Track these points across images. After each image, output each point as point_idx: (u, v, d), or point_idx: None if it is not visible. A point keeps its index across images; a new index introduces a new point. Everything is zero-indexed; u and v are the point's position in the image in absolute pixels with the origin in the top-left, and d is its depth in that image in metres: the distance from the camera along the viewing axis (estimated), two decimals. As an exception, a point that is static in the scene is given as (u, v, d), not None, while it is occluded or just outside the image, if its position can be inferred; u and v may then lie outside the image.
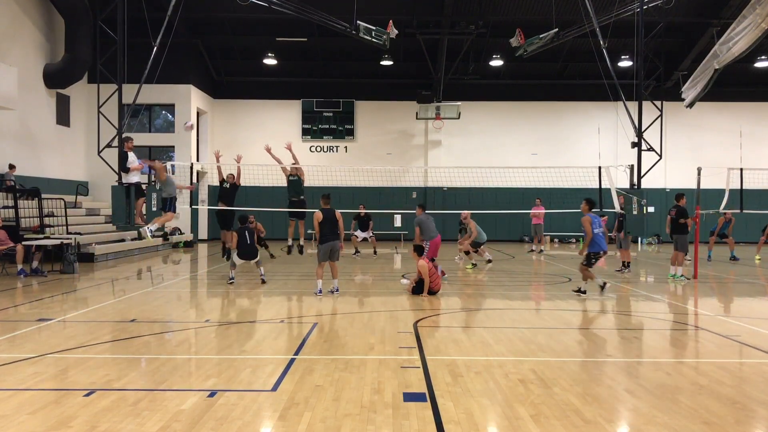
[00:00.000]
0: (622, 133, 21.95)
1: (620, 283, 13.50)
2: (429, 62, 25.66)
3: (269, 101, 28.37)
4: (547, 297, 11.59)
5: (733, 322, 9.16)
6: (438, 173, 26.26)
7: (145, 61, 16.00)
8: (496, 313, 9.68)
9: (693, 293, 12.10)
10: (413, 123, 27.91)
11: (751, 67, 25.14)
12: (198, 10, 23.04)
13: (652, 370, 6.27)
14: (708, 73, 15.71)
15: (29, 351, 6.83)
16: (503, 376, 5.90)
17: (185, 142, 25.11)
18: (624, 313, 10.05)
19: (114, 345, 7.29)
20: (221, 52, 27.14)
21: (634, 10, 17.17)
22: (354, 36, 19.69)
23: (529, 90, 28.29)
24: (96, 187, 23.72)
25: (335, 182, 24.20)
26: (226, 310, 10.07)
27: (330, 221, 11.12)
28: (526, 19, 23.59)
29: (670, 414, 4.91)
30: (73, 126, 23.35)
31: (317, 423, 4.66)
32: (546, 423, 4.68)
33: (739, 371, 6.38)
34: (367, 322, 8.70)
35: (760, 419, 4.99)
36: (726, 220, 19.00)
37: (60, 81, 21.88)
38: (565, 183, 19.31)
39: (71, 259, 14.45)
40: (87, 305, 10.19)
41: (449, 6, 22.15)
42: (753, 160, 21.87)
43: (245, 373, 5.97)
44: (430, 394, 5.36)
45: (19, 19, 20.21)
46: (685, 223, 13.69)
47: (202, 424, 4.61)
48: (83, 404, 5.00)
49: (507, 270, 16.29)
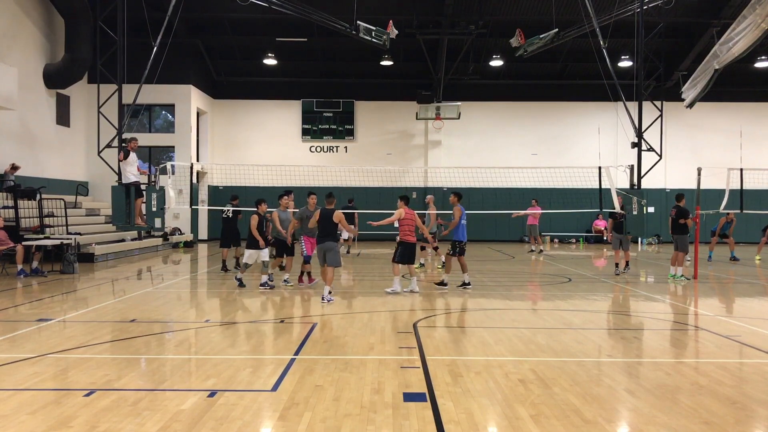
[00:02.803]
0: (622, 133, 21.96)
1: (620, 283, 13.50)
2: (429, 62, 25.66)
3: (269, 101, 28.37)
4: (547, 297, 11.59)
5: (733, 322, 9.16)
6: (438, 173, 26.26)
7: (145, 61, 16.00)
8: (496, 313, 9.68)
9: (693, 293, 12.10)
10: (413, 123, 27.91)
11: (751, 67, 25.13)
12: (198, 10, 23.04)
13: (652, 370, 6.27)
14: (708, 74, 15.70)
15: (29, 351, 6.83)
16: (503, 376, 5.90)
17: (185, 143, 25.12)
18: (624, 313, 10.05)
19: (114, 345, 7.29)
20: (221, 52, 27.15)
21: (634, 10, 17.17)
22: (354, 36, 19.70)
23: (529, 90, 28.29)
24: (96, 187, 23.72)
25: (335, 182, 24.24)
26: (226, 310, 10.07)
27: (325, 220, 10.86)
28: (526, 19, 23.59)
29: (670, 414, 4.91)
30: (73, 126, 23.35)
31: (317, 423, 4.66)
32: (546, 423, 4.68)
33: (739, 371, 6.38)
34: (367, 322, 8.70)
35: (760, 419, 4.99)
36: (727, 221, 18.97)
37: (60, 81, 21.88)
38: (565, 183, 19.31)
39: (71, 259, 14.45)
40: (87, 305, 10.19)
41: (449, 6, 22.14)
42: (753, 160, 21.88)
43: (245, 373, 5.97)
44: (430, 394, 5.36)
45: (19, 19, 20.21)
46: (685, 223, 13.69)
47: (202, 424, 4.61)
48: (83, 404, 5.00)
49: (507, 270, 16.29)
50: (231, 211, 14.76)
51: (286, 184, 22.94)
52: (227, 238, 14.95)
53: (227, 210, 14.81)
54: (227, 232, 14.85)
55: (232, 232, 14.79)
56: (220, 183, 27.30)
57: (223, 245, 15.20)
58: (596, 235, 27.85)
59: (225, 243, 15.08)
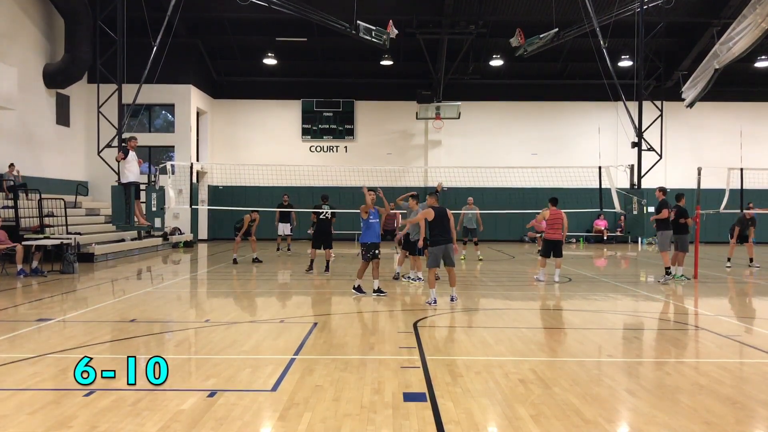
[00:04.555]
0: (622, 133, 21.96)
1: (621, 283, 13.49)
2: (429, 62, 25.65)
3: (269, 101, 28.37)
4: (547, 297, 11.58)
5: (733, 322, 9.16)
6: (438, 173, 26.22)
7: (145, 61, 16.00)
8: (496, 313, 9.68)
9: (693, 293, 12.10)
10: (413, 123, 27.91)
11: (751, 67, 25.14)
12: (198, 10, 23.03)
13: (652, 370, 6.27)
14: (708, 73, 15.70)
15: (29, 351, 6.83)
16: (503, 376, 5.90)
17: (185, 143, 25.13)
18: (624, 313, 10.05)
19: (114, 345, 7.28)
20: (221, 52, 27.14)
21: (634, 10, 17.20)
22: (354, 36, 19.70)
23: (529, 90, 28.28)
24: (96, 187, 23.72)
25: (335, 182, 24.22)
26: (226, 310, 10.06)
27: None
28: (526, 19, 23.58)
29: (670, 414, 4.91)
30: (73, 126, 23.35)
31: (317, 423, 4.66)
32: (546, 423, 4.68)
33: (739, 371, 6.38)
34: (367, 322, 8.69)
35: (760, 419, 4.99)
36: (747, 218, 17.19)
37: (60, 81, 21.88)
38: (565, 183, 19.32)
39: (71, 259, 14.44)
40: (87, 305, 10.19)
41: (449, 6, 22.14)
42: (753, 160, 21.85)
43: (245, 373, 5.97)
44: (430, 394, 5.35)
45: (19, 19, 20.21)
46: (685, 223, 13.69)
47: (202, 424, 4.61)
48: (83, 404, 4.99)
49: (507, 270, 16.29)
50: (329, 213, 14.51)
51: (285, 184, 23.00)
52: (318, 239, 14.62)
53: (325, 211, 14.49)
54: (320, 233, 14.54)
55: (325, 233, 14.54)
56: (220, 183, 27.30)
57: (315, 246, 14.85)
58: (596, 235, 27.85)
59: (316, 244, 14.76)
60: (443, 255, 10.10)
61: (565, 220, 13.22)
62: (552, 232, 13.28)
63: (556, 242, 13.34)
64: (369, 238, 11.15)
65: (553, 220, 13.22)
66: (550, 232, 13.30)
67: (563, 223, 13.25)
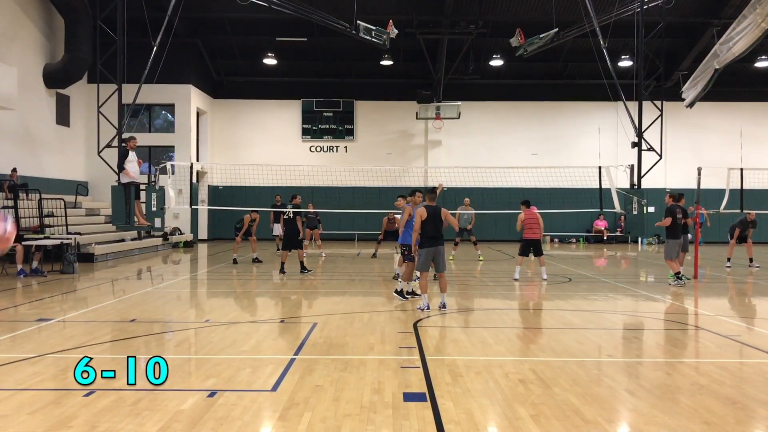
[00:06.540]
0: (622, 133, 21.96)
1: (621, 284, 13.48)
2: (429, 62, 25.65)
3: (269, 101, 28.38)
4: (547, 297, 11.59)
5: (733, 322, 9.16)
6: (438, 173, 26.23)
7: (145, 61, 16.00)
8: (496, 313, 9.68)
9: (693, 293, 12.10)
10: (413, 123, 27.91)
11: (751, 67, 25.15)
12: (198, 10, 23.04)
13: (652, 370, 6.26)
14: (708, 73, 15.70)
15: (29, 351, 6.83)
16: (503, 376, 5.90)
17: (185, 143, 25.13)
18: (624, 313, 10.05)
19: (114, 345, 7.28)
20: (221, 52, 27.14)
21: (634, 10, 17.19)
22: (354, 36, 19.70)
23: (529, 90, 28.29)
24: (96, 187, 23.72)
25: (335, 182, 24.24)
26: (226, 310, 10.06)
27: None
28: (526, 19, 23.59)
29: (670, 414, 4.91)
30: (73, 126, 23.35)
31: (317, 423, 4.65)
32: (546, 423, 4.68)
33: (739, 371, 6.38)
34: (367, 322, 8.69)
35: (760, 419, 4.98)
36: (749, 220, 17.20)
37: (60, 81, 21.88)
38: (565, 183, 19.32)
39: (71, 259, 14.45)
40: (87, 305, 10.19)
41: (449, 6, 22.15)
42: (753, 160, 21.87)
43: (245, 373, 5.97)
44: (430, 394, 5.35)
45: (19, 19, 20.21)
46: (685, 223, 13.66)
47: (202, 424, 4.61)
48: (83, 404, 4.99)
49: (507, 270, 16.29)
50: (292, 213, 14.29)
51: (286, 184, 23.02)
52: (290, 240, 14.41)
53: (287, 211, 14.32)
54: (290, 233, 14.33)
55: (294, 233, 14.30)
56: (220, 183, 27.31)
57: (284, 247, 14.72)
58: (596, 235, 27.85)
59: (286, 246, 14.60)
60: (433, 258, 9.54)
61: (540, 219, 13.54)
62: (530, 232, 13.50)
63: (534, 241, 13.56)
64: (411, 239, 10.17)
65: (529, 220, 13.52)
66: (528, 232, 13.52)
67: (539, 222, 13.56)
